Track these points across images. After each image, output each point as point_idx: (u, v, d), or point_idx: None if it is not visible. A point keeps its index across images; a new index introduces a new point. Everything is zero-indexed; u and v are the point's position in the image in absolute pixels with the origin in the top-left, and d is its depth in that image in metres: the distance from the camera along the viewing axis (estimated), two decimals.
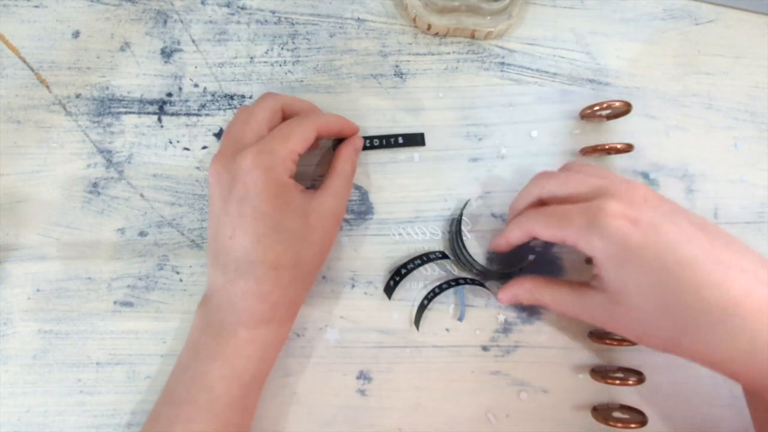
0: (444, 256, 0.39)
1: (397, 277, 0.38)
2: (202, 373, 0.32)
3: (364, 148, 0.39)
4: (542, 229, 0.32)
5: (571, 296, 0.33)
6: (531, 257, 0.39)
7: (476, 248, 0.40)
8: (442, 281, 0.39)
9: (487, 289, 0.38)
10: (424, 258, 0.38)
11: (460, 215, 0.39)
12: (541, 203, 0.34)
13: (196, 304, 0.34)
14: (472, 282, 0.38)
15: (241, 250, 0.32)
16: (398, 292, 0.39)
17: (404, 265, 0.38)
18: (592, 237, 0.29)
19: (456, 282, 0.38)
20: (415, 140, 0.40)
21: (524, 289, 0.35)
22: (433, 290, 0.38)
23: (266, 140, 0.32)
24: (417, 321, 0.38)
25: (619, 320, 0.31)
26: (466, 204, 0.39)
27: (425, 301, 0.38)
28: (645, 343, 0.31)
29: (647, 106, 0.41)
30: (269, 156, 0.32)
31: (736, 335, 0.27)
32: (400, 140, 0.40)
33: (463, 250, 0.38)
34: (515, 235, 0.34)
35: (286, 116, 0.36)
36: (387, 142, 0.40)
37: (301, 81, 0.41)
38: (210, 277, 0.34)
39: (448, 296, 0.39)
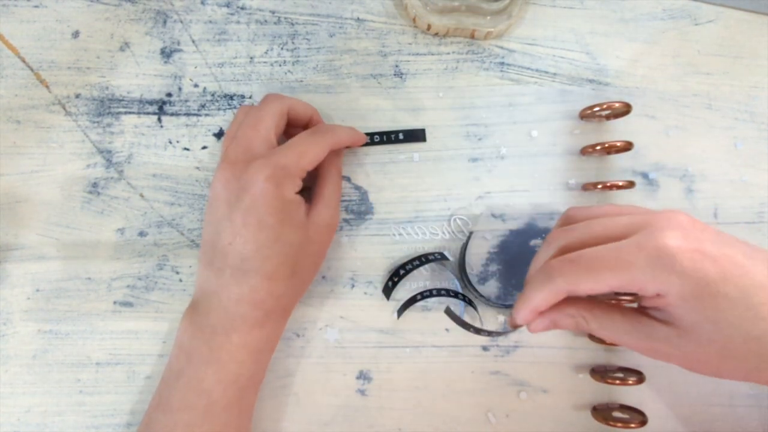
0: (443, 257, 0.39)
1: (395, 277, 0.38)
2: (197, 379, 0.32)
3: (366, 144, 0.39)
4: (589, 283, 0.27)
5: (627, 325, 0.29)
6: None
7: (477, 248, 0.40)
8: (442, 288, 0.38)
9: (476, 310, 0.38)
10: (423, 259, 0.38)
11: (464, 251, 0.39)
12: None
13: None
14: (469, 302, 0.38)
15: (239, 257, 0.32)
16: (398, 292, 0.39)
17: (403, 266, 0.38)
18: (665, 278, 0.26)
19: (455, 295, 0.38)
20: (416, 136, 0.40)
21: (564, 314, 0.30)
22: (430, 291, 0.38)
23: (281, 155, 0.33)
24: (400, 311, 0.38)
25: (690, 356, 0.28)
26: (469, 236, 0.39)
27: (418, 296, 0.38)
28: (720, 375, 0.28)
29: (647, 106, 0.41)
30: (282, 172, 0.32)
31: None
32: (401, 136, 0.40)
33: (467, 284, 0.38)
34: (546, 299, 0.29)
35: (290, 120, 0.36)
36: (388, 138, 0.40)
37: (301, 81, 0.41)
38: (200, 279, 0.34)
39: (447, 297, 0.39)
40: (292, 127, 0.37)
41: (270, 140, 0.34)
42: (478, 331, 0.33)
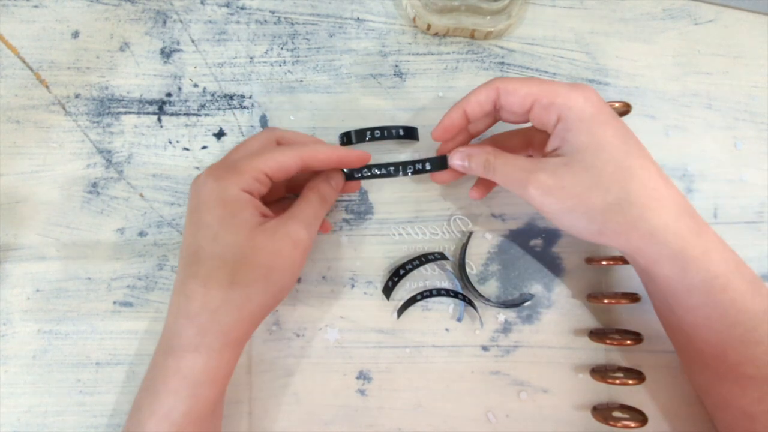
0: (443, 257, 0.39)
1: (395, 277, 0.38)
2: (137, 408, 0.30)
3: (366, 139, 0.37)
4: (518, 84, 0.32)
5: (523, 162, 0.32)
6: (529, 298, 0.39)
7: (477, 248, 0.40)
8: (442, 288, 0.39)
9: (476, 310, 0.38)
10: (423, 259, 0.38)
11: (464, 251, 0.39)
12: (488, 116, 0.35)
13: None
14: (469, 302, 0.38)
15: (183, 262, 0.30)
16: (398, 292, 0.39)
17: (403, 266, 0.38)
18: (576, 95, 0.31)
19: (455, 294, 0.38)
20: (412, 134, 0.38)
21: (483, 150, 0.34)
22: (430, 291, 0.38)
23: (231, 155, 0.32)
24: (400, 310, 0.38)
25: (566, 183, 0.31)
26: (469, 236, 0.39)
27: (418, 296, 0.38)
28: (583, 210, 0.31)
29: (647, 106, 0.41)
30: (226, 168, 0.31)
31: (663, 215, 0.30)
32: (401, 132, 0.37)
33: (467, 284, 0.38)
34: (477, 97, 0.33)
35: (309, 169, 0.33)
36: (388, 133, 0.37)
37: (301, 81, 0.41)
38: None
39: (447, 297, 0.39)
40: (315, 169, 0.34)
41: (255, 174, 0.31)
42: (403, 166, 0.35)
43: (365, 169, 0.35)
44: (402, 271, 0.38)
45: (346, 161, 0.34)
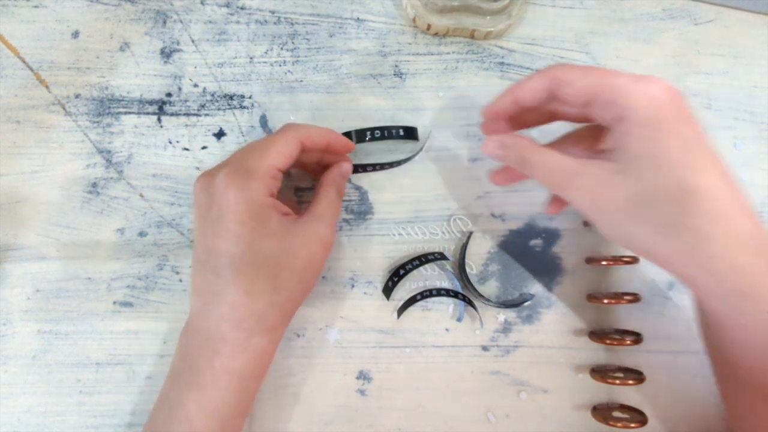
0: (443, 257, 0.39)
1: (395, 277, 0.38)
2: (179, 404, 0.30)
3: (367, 139, 0.37)
4: (578, 74, 0.29)
5: (567, 161, 0.29)
6: (529, 298, 0.39)
7: (477, 248, 0.40)
8: (442, 288, 0.39)
9: (476, 310, 0.38)
10: (423, 259, 0.38)
11: (463, 251, 0.39)
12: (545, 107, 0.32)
13: None
14: (469, 302, 0.38)
15: (215, 273, 0.30)
16: (398, 292, 0.39)
17: (403, 266, 0.38)
18: (640, 93, 0.27)
19: (455, 294, 0.38)
20: (412, 134, 0.39)
21: (516, 142, 0.32)
22: (430, 291, 0.38)
23: (242, 157, 0.31)
24: (400, 310, 0.38)
25: (615, 194, 0.28)
26: (469, 236, 0.39)
27: (418, 296, 0.38)
28: (631, 226, 0.28)
29: None
30: (245, 174, 0.30)
31: (729, 241, 0.26)
32: (401, 132, 0.38)
33: (467, 284, 0.38)
34: (531, 84, 0.30)
35: (305, 147, 0.34)
36: (389, 133, 0.38)
37: (301, 81, 0.41)
38: (191, 297, 0.32)
39: (447, 297, 0.39)
40: (308, 152, 0.35)
41: (271, 173, 0.32)
42: None
43: (368, 166, 0.37)
44: (402, 271, 0.38)
45: (335, 145, 0.35)
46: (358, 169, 0.39)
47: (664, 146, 0.27)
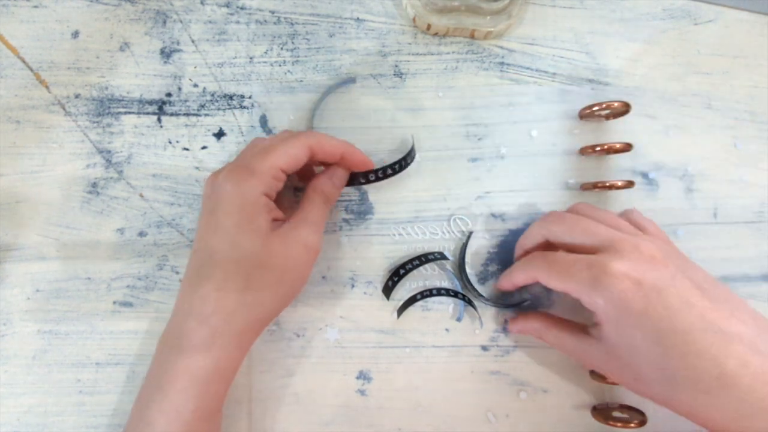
0: (443, 256, 0.39)
1: (395, 277, 0.38)
2: (145, 405, 0.30)
3: (363, 182, 0.36)
4: (545, 276, 0.33)
5: (572, 340, 0.34)
6: (528, 298, 0.39)
7: (476, 248, 0.40)
8: (442, 287, 0.39)
9: (475, 309, 0.38)
10: (423, 259, 0.38)
11: (463, 251, 0.39)
12: (549, 245, 0.35)
13: None
14: (469, 302, 0.38)
15: (198, 264, 0.30)
16: (398, 292, 0.39)
17: (403, 266, 0.38)
18: (595, 295, 0.30)
19: (455, 293, 0.38)
20: (407, 161, 0.37)
21: (532, 327, 0.37)
22: (430, 290, 0.38)
23: (247, 155, 0.32)
24: (400, 310, 0.38)
25: (614, 370, 0.32)
26: (469, 236, 0.39)
27: (417, 296, 0.38)
28: (642, 395, 0.31)
29: (647, 106, 0.41)
30: (244, 170, 0.31)
31: (727, 403, 0.27)
32: (397, 168, 0.36)
33: (467, 284, 0.38)
34: (520, 278, 0.35)
35: (316, 156, 0.33)
36: (384, 173, 0.36)
37: (301, 81, 0.41)
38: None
39: (447, 297, 0.39)
40: (320, 163, 0.35)
41: (273, 172, 0.31)
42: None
43: (371, 175, 0.36)
44: (402, 271, 0.38)
45: (349, 159, 0.34)
46: (358, 179, 0.36)
47: (632, 340, 0.29)
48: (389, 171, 0.36)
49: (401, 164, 0.36)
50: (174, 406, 0.29)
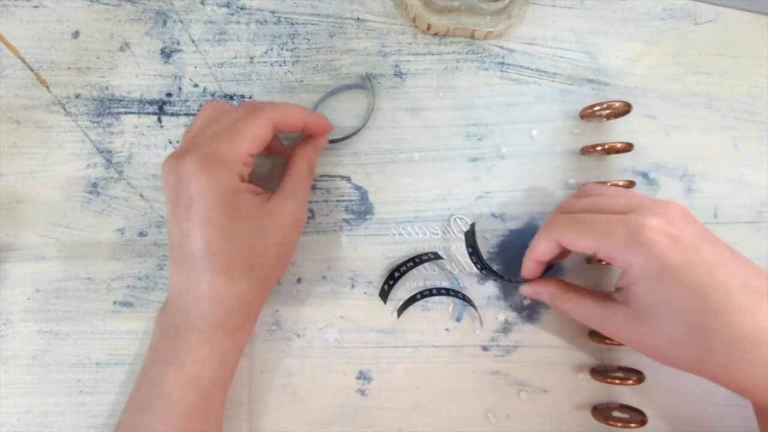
0: (437, 256, 0.39)
1: (390, 281, 0.38)
2: (159, 379, 0.31)
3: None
4: (574, 237, 0.31)
5: (594, 308, 0.33)
6: (552, 266, 0.38)
7: None
8: (442, 287, 0.38)
9: (475, 309, 0.38)
10: (417, 260, 0.38)
11: (473, 236, 0.38)
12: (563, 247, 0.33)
13: None
14: (469, 302, 0.38)
15: (191, 257, 0.30)
16: (398, 292, 0.39)
17: (397, 268, 0.38)
18: (633, 251, 0.29)
19: (455, 293, 0.38)
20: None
21: (547, 291, 0.35)
22: (430, 290, 0.38)
23: (211, 141, 0.31)
24: (400, 310, 0.38)
25: (641, 337, 0.30)
26: (473, 225, 0.39)
27: (417, 296, 0.38)
28: (667, 361, 0.30)
29: (647, 106, 0.41)
30: (215, 160, 0.30)
31: (763, 362, 0.27)
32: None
33: (484, 265, 0.38)
34: (542, 248, 0.33)
35: (279, 129, 0.33)
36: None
37: (301, 81, 0.41)
38: (170, 281, 0.33)
39: (446, 296, 0.39)
40: (282, 133, 0.35)
41: (242, 159, 0.31)
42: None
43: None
44: (397, 274, 0.38)
45: (312, 126, 0.35)
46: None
47: (668, 297, 0.28)
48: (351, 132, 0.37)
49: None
50: (192, 376, 0.31)
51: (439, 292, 0.38)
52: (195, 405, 0.31)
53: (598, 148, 0.39)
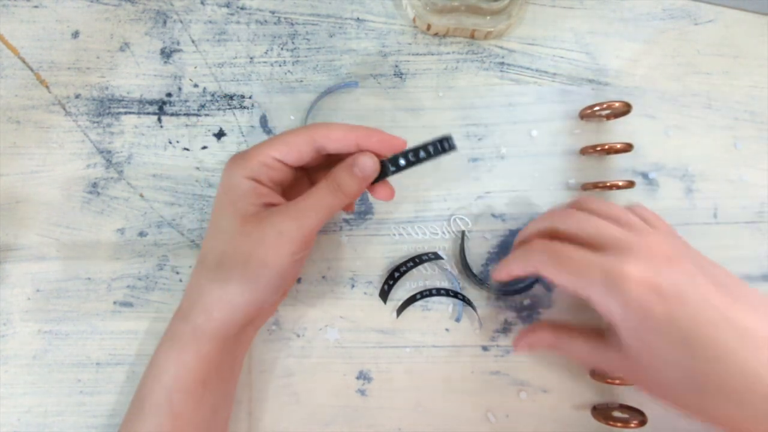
0: (437, 256, 0.39)
1: (390, 281, 0.38)
2: (161, 373, 0.31)
3: (394, 171, 0.31)
4: (551, 270, 0.31)
5: (588, 349, 0.33)
6: (532, 282, 0.39)
7: (477, 248, 0.40)
8: (442, 288, 0.38)
9: (474, 310, 0.38)
10: (417, 260, 0.38)
11: (462, 250, 0.39)
12: (551, 237, 0.32)
13: None
14: (468, 303, 0.38)
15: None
16: (397, 292, 0.39)
17: (397, 268, 0.38)
18: (611, 301, 0.28)
19: (455, 294, 0.38)
20: (444, 147, 0.31)
21: (540, 339, 0.35)
22: (429, 291, 0.38)
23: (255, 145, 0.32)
24: (400, 310, 0.38)
25: (637, 377, 0.30)
26: (463, 235, 0.39)
27: (417, 296, 0.38)
28: (664, 401, 0.30)
29: (647, 106, 0.41)
30: (241, 157, 0.31)
31: (760, 405, 0.26)
32: (431, 149, 0.31)
33: (471, 275, 0.38)
34: (518, 268, 0.33)
35: (325, 148, 0.31)
36: (415, 155, 0.31)
37: (301, 81, 0.41)
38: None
39: (446, 297, 0.39)
40: (336, 152, 0.32)
41: (264, 159, 0.30)
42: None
43: (401, 159, 0.30)
44: (397, 274, 0.38)
45: (365, 145, 0.31)
46: (387, 167, 0.31)
47: (655, 345, 0.28)
48: (421, 153, 0.30)
49: (436, 147, 0.30)
50: (191, 367, 0.31)
51: (439, 292, 0.38)
52: (161, 404, 0.30)
53: (598, 149, 0.39)
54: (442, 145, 0.31)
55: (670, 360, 0.28)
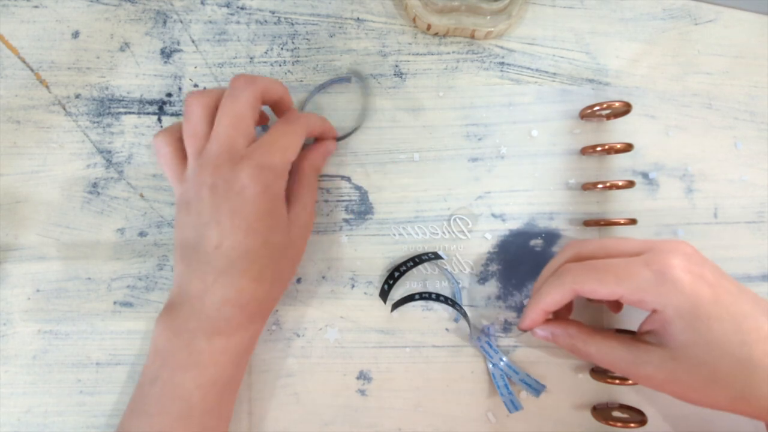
0: (437, 256, 0.39)
1: (390, 281, 0.38)
2: (173, 384, 0.31)
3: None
4: (595, 285, 0.30)
5: (622, 351, 0.31)
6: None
7: (477, 248, 0.40)
8: (440, 294, 0.38)
9: (468, 322, 0.38)
10: (417, 260, 0.38)
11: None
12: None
13: None
14: (463, 315, 0.38)
15: (227, 260, 0.31)
16: (398, 292, 0.39)
17: (397, 268, 0.38)
18: (664, 292, 0.29)
19: (453, 304, 0.38)
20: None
21: (567, 333, 0.33)
22: (429, 294, 0.38)
23: (267, 155, 0.31)
24: (396, 305, 0.38)
25: (680, 378, 0.30)
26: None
27: (416, 296, 0.38)
28: (707, 402, 0.30)
29: (647, 106, 0.41)
30: (270, 172, 0.31)
31: None
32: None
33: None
34: (555, 299, 0.32)
35: (262, 101, 0.34)
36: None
37: (301, 81, 0.41)
38: (180, 281, 0.32)
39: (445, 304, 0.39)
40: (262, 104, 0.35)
41: (251, 136, 0.32)
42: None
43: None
44: (397, 274, 0.38)
45: (327, 134, 0.38)
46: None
47: (708, 332, 0.28)
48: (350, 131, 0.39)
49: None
50: (211, 379, 0.31)
51: (438, 298, 0.38)
52: (212, 406, 0.32)
53: (598, 148, 0.39)
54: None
55: (722, 345, 0.28)
